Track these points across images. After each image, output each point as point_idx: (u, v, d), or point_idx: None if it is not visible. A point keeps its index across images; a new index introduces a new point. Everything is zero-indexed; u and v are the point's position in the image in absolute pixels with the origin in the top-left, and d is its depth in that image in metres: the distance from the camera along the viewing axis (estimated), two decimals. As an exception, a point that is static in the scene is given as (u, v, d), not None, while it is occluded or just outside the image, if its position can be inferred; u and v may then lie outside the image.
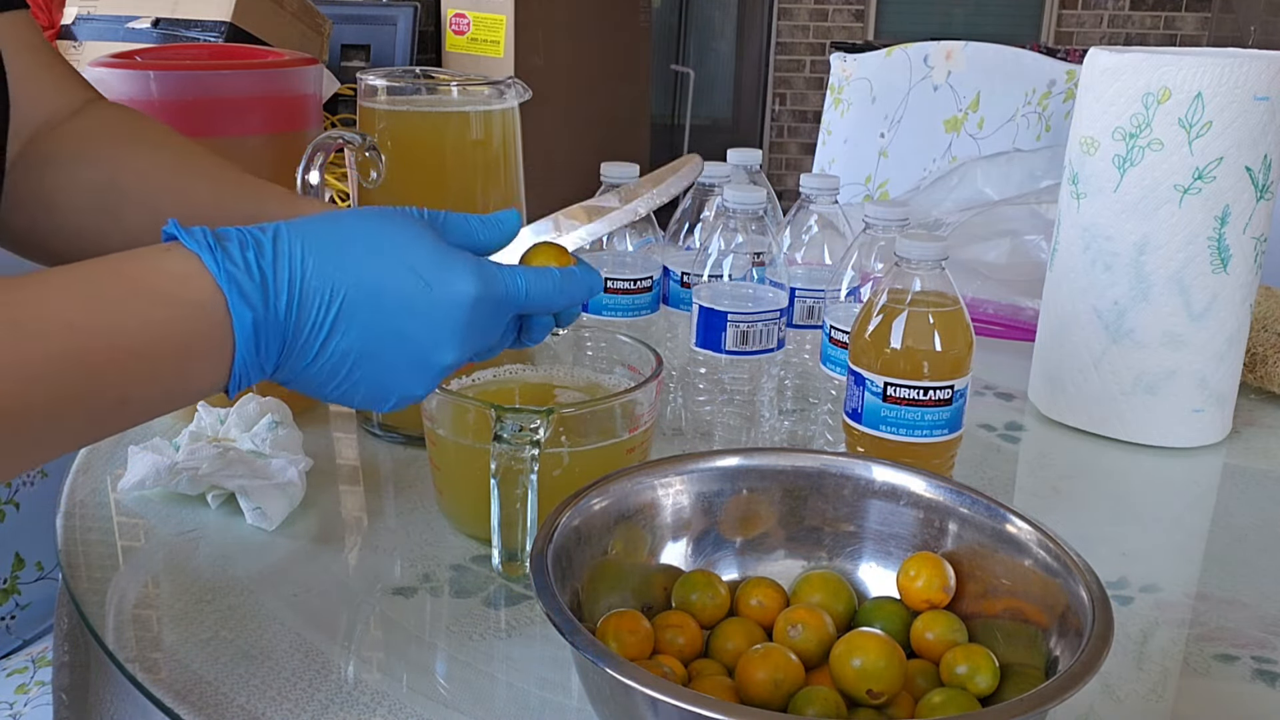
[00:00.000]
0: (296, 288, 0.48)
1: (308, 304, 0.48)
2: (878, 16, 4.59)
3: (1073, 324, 0.87)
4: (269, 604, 0.62)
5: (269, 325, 0.47)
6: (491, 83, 0.81)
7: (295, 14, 1.90)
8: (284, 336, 0.48)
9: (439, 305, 0.50)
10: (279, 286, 0.48)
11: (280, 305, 0.47)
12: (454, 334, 0.51)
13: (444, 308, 0.50)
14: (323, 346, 0.49)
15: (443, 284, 0.50)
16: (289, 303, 0.48)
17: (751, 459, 0.60)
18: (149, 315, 0.46)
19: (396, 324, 0.50)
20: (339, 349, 0.49)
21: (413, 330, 0.50)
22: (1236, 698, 0.57)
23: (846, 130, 1.82)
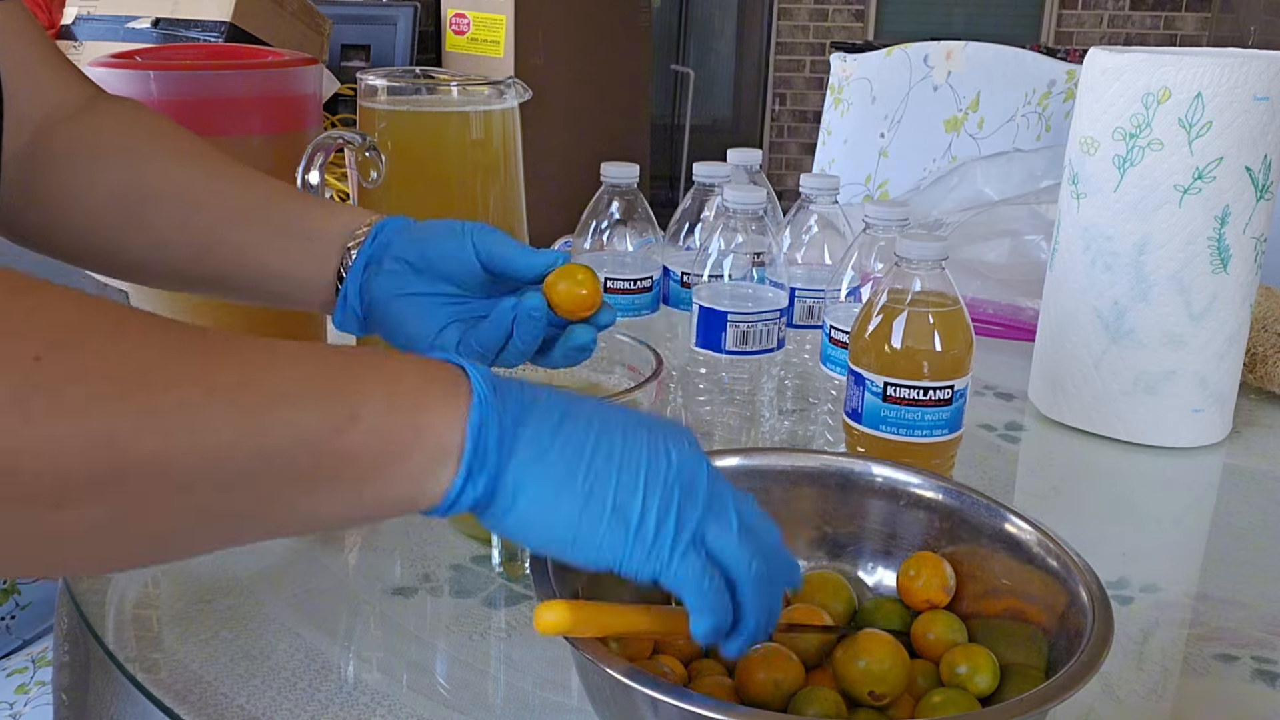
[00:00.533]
0: (526, 387, 0.45)
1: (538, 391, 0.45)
2: (878, 16, 4.59)
3: (1073, 324, 0.87)
4: (269, 604, 0.62)
5: (501, 388, 0.44)
6: (491, 83, 0.81)
7: (295, 14, 1.90)
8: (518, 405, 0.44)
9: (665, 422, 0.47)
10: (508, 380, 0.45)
11: (512, 383, 0.44)
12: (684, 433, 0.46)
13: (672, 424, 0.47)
14: (562, 421, 0.44)
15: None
16: (520, 385, 0.45)
17: (751, 459, 0.60)
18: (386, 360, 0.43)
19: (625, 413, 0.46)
20: (573, 410, 0.45)
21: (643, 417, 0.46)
22: (1236, 698, 0.57)
23: (846, 130, 1.82)
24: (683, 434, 0.46)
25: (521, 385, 0.45)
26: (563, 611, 0.44)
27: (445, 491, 0.43)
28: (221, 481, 0.38)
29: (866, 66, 1.79)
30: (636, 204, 0.93)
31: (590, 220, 0.93)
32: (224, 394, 0.38)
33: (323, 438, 0.40)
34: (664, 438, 0.45)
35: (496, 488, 0.43)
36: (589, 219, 0.93)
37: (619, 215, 0.93)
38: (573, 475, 0.43)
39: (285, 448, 0.39)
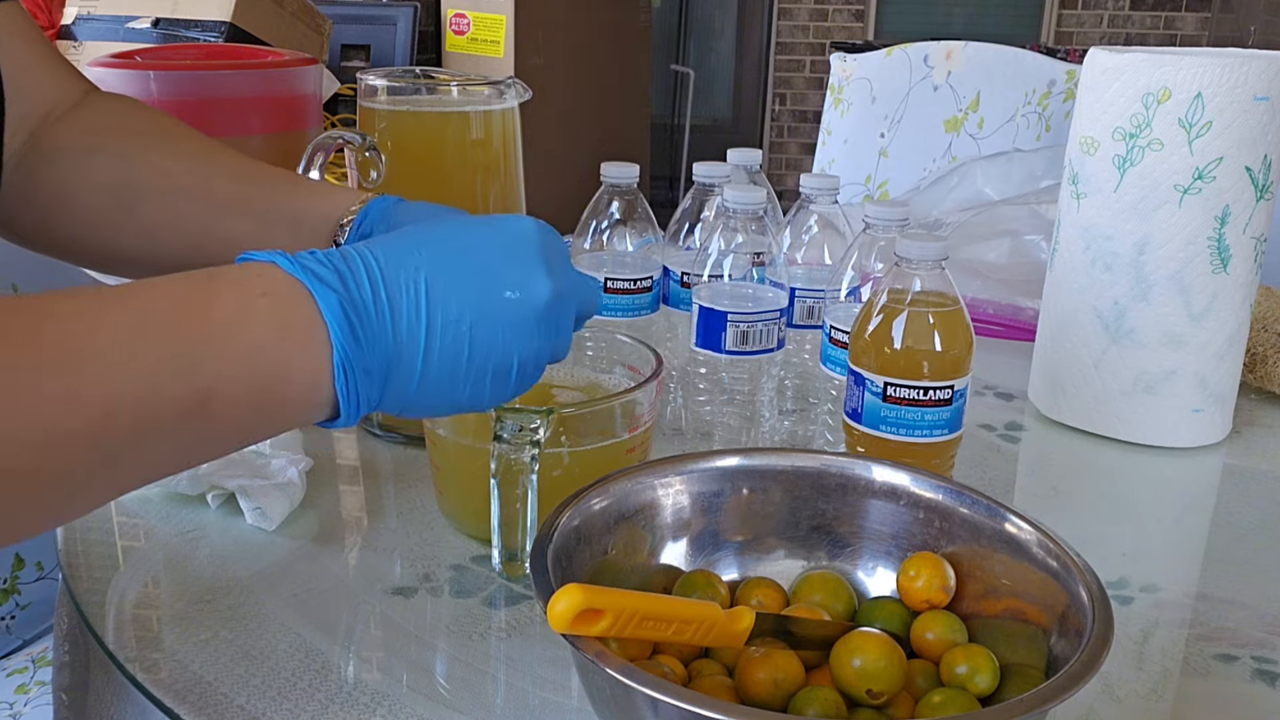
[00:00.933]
0: (376, 272, 0.46)
1: (393, 286, 0.46)
2: (878, 16, 4.59)
3: (1073, 324, 0.87)
4: (269, 604, 0.62)
5: (359, 311, 0.45)
6: (491, 83, 0.81)
7: (295, 14, 1.90)
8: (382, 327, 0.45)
9: (510, 236, 0.50)
10: (356, 274, 0.45)
11: (365, 291, 0.45)
12: (535, 259, 0.50)
13: (515, 237, 0.50)
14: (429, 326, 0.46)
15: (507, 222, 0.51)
16: (373, 288, 0.45)
17: (751, 459, 0.60)
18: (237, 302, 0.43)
19: (485, 269, 0.48)
20: (447, 319, 0.47)
21: (500, 269, 0.49)
22: (1236, 698, 0.57)
23: (846, 130, 1.82)
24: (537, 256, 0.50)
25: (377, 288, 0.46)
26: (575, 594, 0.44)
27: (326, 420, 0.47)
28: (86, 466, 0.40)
29: (866, 66, 1.80)
30: (636, 204, 0.93)
31: (590, 220, 0.93)
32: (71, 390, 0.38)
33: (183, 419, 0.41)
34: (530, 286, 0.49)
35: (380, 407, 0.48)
36: (589, 219, 0.93)
37: (619, 215, 0.93)
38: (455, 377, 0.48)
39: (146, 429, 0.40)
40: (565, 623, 0.44)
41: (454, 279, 0.47)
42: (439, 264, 0.47)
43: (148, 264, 0.65)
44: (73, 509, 0.42)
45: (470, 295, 0.47)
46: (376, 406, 0.48)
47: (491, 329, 0.48)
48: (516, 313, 0.48)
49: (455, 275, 0.47)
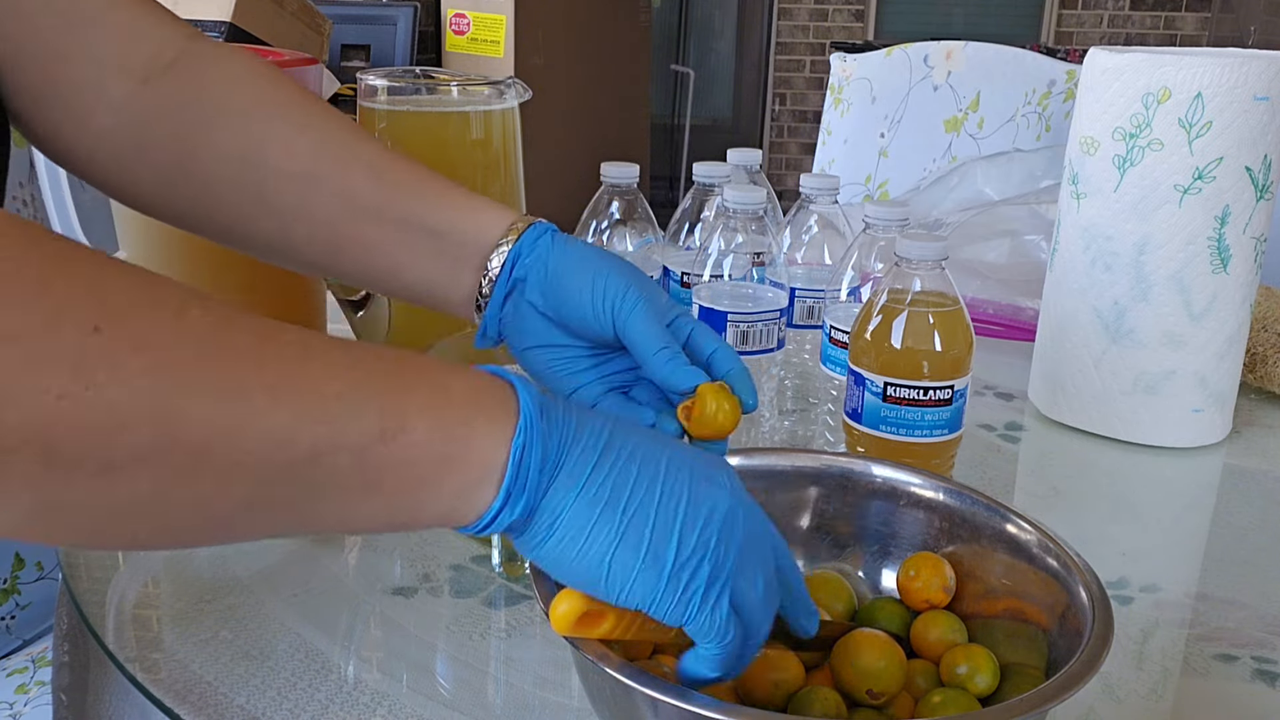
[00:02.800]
0: (572, 408, 0.44)
1: (583, 418, 0.44)
2: (878, 16, 4.59)
3: (1073, 324, 0.87)
4: (269, 604, 0.62)
5: (550, 408, 0.43)
6: (491, 83, 0.81)
7: (295, 14, 1.90)
8: (565, 431, 0.43)
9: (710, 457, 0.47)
10: (554, 401, 0.44)
11: (559, 407, 0.44)
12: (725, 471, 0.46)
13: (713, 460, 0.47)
14: (604, 451, 0.43)
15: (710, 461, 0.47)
16: (565, 410, 0.44)
17: (751, 459, 0.60)
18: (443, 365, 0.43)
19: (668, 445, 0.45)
20: (620, 449, 0.44)
21: (688, 454, 0.46)
22: (1236, 698, 0.57)
23: (846, 130, 1.82)
24: (724, 473, 0.46)
25: (569, 408, 0.44)
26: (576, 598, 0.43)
27: (482, 511, 0.42)
28: (265, 474, 0.38)
29: (866, 66, 1.79)
30: (636, 204, 0.93)
31: (590, 220, 0.93)
32: (281, 386, 0.38)
33: (370, 444, 0.39)
34: (705, 477, 0.45)
35: (534, 514, 0.43)
36: (589, 219, 0.93)
37: (619, 215, 0.93)
38: (611, 511, 0.43)
39: (333, 449, 0.39)
40: (567, 625, 0.44)
41: (639, 440, 0.45)
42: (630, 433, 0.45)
43: (280, 250, 0.60)
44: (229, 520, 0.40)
45: (647, 451, 0.44)
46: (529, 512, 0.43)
47: (660, 476, 0.44)
48: (689, 481, 0.44)
49: (640, 439, 0.45)
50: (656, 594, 0.43)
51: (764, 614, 0.46)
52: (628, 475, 0.43)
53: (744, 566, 0.44)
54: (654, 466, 0.44)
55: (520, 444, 0.42)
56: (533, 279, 0.57)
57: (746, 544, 0.45)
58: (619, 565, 0.43)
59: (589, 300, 0.55)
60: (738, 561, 0.44)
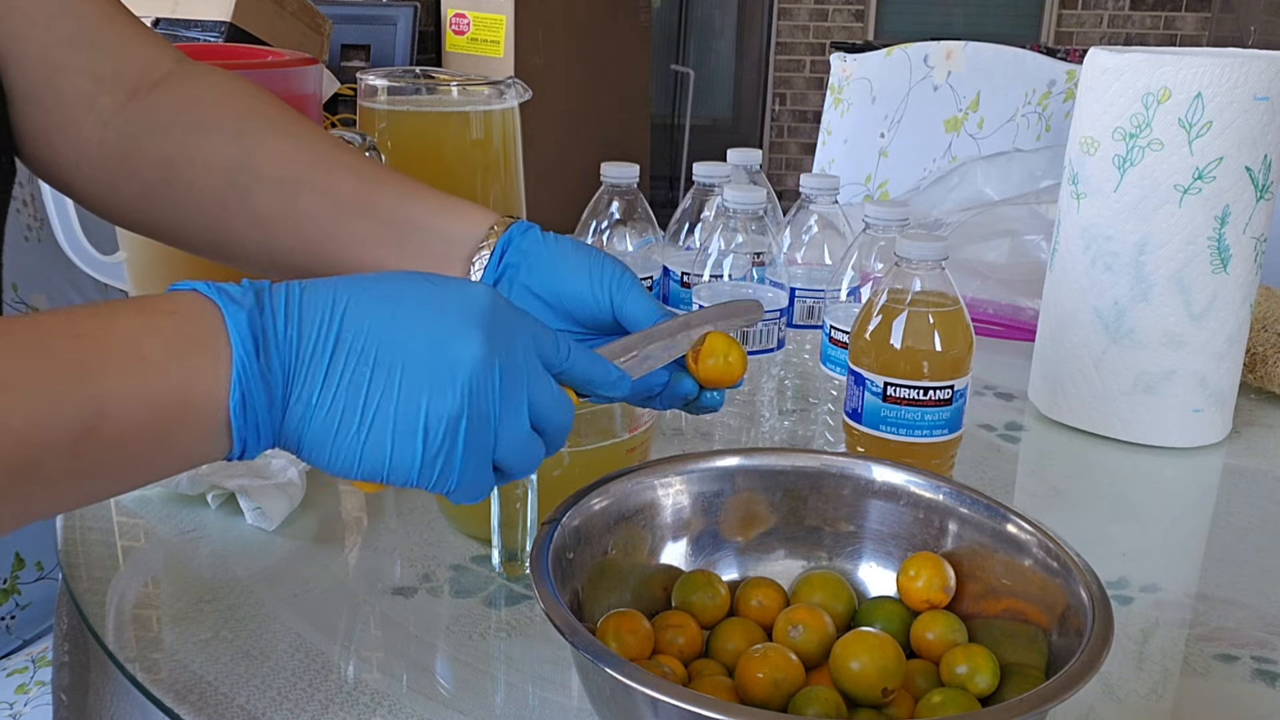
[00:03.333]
0: (295, 300, 0.44)
1: (307, 312, 0.43)
2: (878, 16, 4.59)
3: (1073, 324, 0.87)
4: (269, 604, 0.62)
5: (265, 330, 0.42)
6: (491, 83, 0.81)
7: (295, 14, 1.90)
8: (287, 346, 0.43)
9: (452, 295, 0.46)
10: (275, 299, 0.43)
11: (278, 315, 0.43)
12: (472, 320, 0.45)
13: (458, 297, 0.46)
14: (334, 354, 0.43)
15: (458, 284, 0.47)
16: (286, 313, 0.43)
17: (751, 459, 0.60)
18: (138, 321, 0.41)
19: (407, 315, 0.45)
20: (352, 350, 0.43)
21: (425, 318, 0.45)
22: (1236, 698, 0.57)
23: (846, 130, 1.82)
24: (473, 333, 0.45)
25: (290, 310, 0.43)
26: None
27: (227, 451, 0.43)
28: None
29: (866, 66, 1.79)
30: (636, 204, 0.93)
31: (590, 220, 0.93)
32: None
33: (70, 444, 0.39)
34: (452, 353, 0.44)
35: (278, 438, 0.44)
36: (589, 219, 0.93)
37: (619, 215, 0.93)
38: (349, 421, 0.44)
39: (32, 462, 0.38)
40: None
41: (373, 320, 0.44)
42: (363, 305, 0.44)
43: (260, 259, 0.61)
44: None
45: (384, 335, 0.44)
46: (276, 440, 0.44)
47: (398, 374, 0.44)
48: (429, 363, 0.44)
49: (375, 317, 0.44)
50: (413, 478, 0.45)
51: (523, 466, 0.48)
52: (361, 378, 0.44)
53: (505, 421, 0.46)
54: (390, 359, 0.44)
55: (239, 398, 0.42)
56: (524, 264, 0.58)
57: (505, 402, 0.46)
58: (370, 462, 0.44)
59: (587, 281, 0.57)
60: (496, 424, 0.46)
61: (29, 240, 1.11)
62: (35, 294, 1.10)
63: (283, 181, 0.59)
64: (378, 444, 0.44)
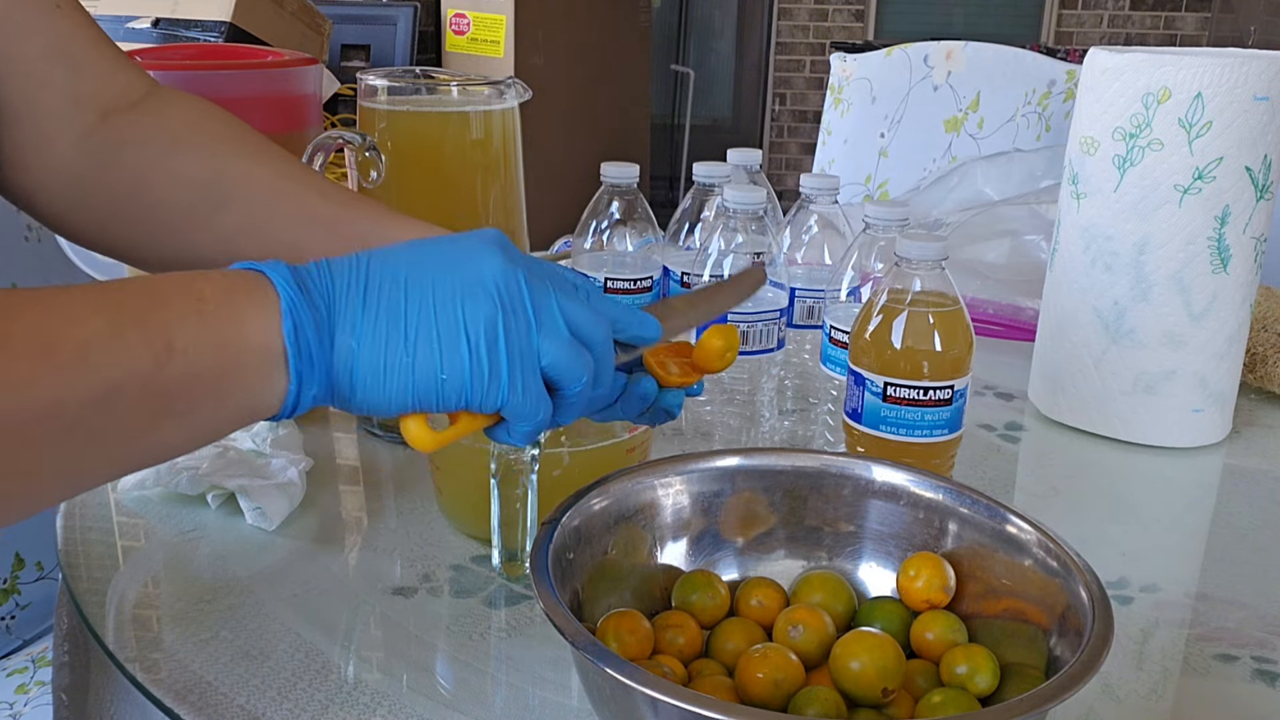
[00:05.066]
0: (324, 265, 0.47)
1: (337, 270, 0.47)
2: (878, 16, 4.59)
3: (1073, 324, 0.87)
4: (269, 604, 0.62)
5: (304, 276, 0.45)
6: (491, 83, 0.81)
7: (295, 14, 1.90)
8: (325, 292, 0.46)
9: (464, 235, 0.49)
10: (305, 267, 0.47)
11: (311, 268, 0.46)
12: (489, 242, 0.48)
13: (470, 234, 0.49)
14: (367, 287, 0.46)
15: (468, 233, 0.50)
16: (318, 268, 0.46)
17: (751, 459, 0.60)
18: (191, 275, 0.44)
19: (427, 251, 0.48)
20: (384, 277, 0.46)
21: (445, 248, 0.48)
22: (1236, 698, 0.57)
23: (846, 130, 1.82)
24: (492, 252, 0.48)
25: (322, 265, 0.46)
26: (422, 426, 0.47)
27: (282, 396, 0.45)
28: (54, 436, 0.39)
29: (866, 66, 1.80)
30: (636, 204, 0.93)
31: (590, 220, 0.93)
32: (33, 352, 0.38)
33: (145, 374, 0.41)
34: (476, 266, 0.47)
35: (332, 380, 0.46)
36: (589, 219, 0.93)
37: (619, 215, 0.93)
38: (394, 341, 0.45)
39: (109, 393, 0.40)
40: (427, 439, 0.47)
41: (397, 260, 0.47)
42: (386, 254, 0.48)
43: None
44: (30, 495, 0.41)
45: (410, 267, 0.47)
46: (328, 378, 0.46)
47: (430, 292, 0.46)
48: (456, 278, 0.47)
49: (399, 258, 0.47)
50: (467, 390, 0.46)
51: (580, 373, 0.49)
52: (397, 303, 0.46)
53: (542, 329, 0.48)
54: (421, 282, 0.46)
55: (291, 325, 0.44)
56: None
57: (538, 307, 0.48)
58: (423, 383, 0.46)
59: None
60: (534, 327, 0.48)
61: (29, 240, 1.11)
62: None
63: (252, 199, 0.62)
64: (426, 359, 0.46)
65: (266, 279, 0.45)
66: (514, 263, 0.48)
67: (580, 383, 0.49)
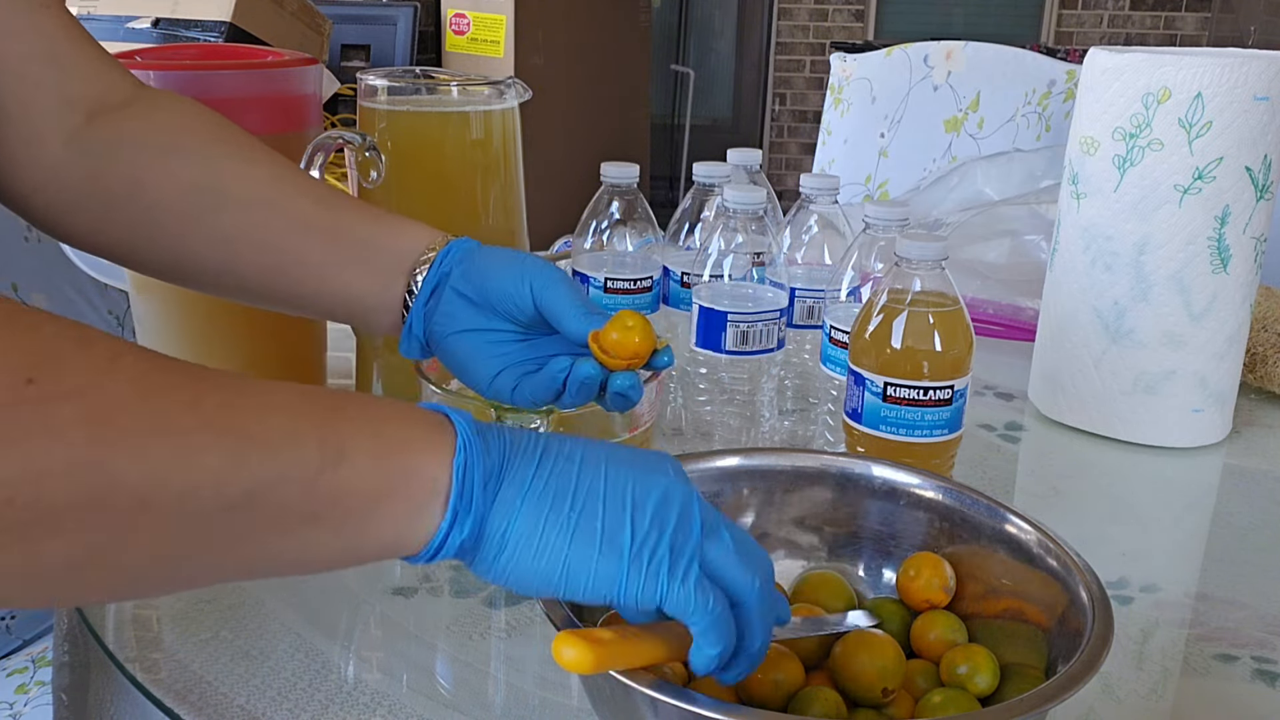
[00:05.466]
0: (503, 429, 0.46)
1: (514, 434, 0.45)
2: (878, 16, 4.59)
3: (1073, 324, 0.87)
4: (269, 604, 0.62)
5: (485, 432, 0.44)
6: (491, 83, 0.81)
7: (295, 14, 1.90)
8: (500, 441, 0.44)
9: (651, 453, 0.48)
10: (490, 425, 0.45)
11: (492, 429, 0.45)
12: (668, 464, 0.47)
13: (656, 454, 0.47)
14: (542, 455, 0.44)
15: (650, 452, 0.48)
16: (498, 431, 0.45)
17: (751, 459, 0.60)
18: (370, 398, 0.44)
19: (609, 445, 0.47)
20: (559, 452, 0.45)
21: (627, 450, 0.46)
22: (1236, 698, 0.57)
23: (846, 130, 1.82)
24: (666, 462, 0.46)
25: (503, 429, 0.45)
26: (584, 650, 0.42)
27: (431, 534, 0.42)
28: (204, 516, 0.38)
29: (866, 66, 1.80)
30: (636, 204, 0.93)
31: (590, 220, 0.93)
32: (214, 429, 0.38)
33: (309, 477, 0.39)
34: (647, 467, 0.45)
35: (483, 529, 0.43)
36: (589, 219, 0.93)
37: (619, 215, 0.93)
38: (559, 509, 0.43)
39: (270, 485, 0.39)
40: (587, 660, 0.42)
41: (574, 441, 0.46)
42: (564, 437, 0.46)
43: (220, 278, 0.63)
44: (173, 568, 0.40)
45: (584, 444, 0.46)
46: (479, 526, 0.43)
47: (603, 468, 0.45)
48: (633, 466, 0.45)
49: (576, 441, 0.46)
50: (621, 578, 0.43)
51: (748, 578, 0.45)
52: (569, 474, 0.44)
53: (708, 534, 0.45)
54: (595, 462, 0.45)
55: (461, 461, 0.42)
56: (458, 271, 0.60)
57: (705, 517, 0.45)
58: (577, 560, 0.43)
59: (511, 275, 0.59)
60: (701, 533, 0.44)
61: (29, 240, 1.11)
62: (35, 294, 1.10)
63: (247, 203, 0.61)
64: (587, 530, 0.43)
65: (447, 419, 0.44)
66: (688, 484, 0.46)
67: (750, 588, 0.45)
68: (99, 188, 0.62)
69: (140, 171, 0.61)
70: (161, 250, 0.63)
